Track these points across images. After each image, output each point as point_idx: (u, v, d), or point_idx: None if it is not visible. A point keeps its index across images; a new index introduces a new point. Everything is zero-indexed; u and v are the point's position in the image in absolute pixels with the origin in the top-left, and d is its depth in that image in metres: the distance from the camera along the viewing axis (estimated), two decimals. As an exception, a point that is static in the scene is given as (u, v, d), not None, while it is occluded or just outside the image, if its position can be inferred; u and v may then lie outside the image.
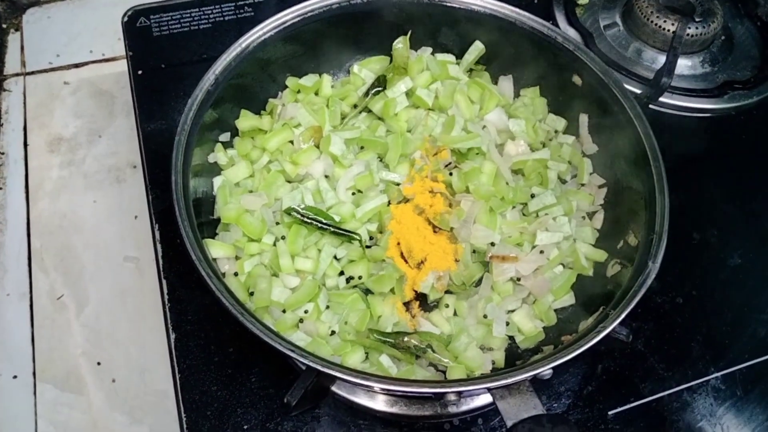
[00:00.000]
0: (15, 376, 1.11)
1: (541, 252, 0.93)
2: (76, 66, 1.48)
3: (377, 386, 0.69)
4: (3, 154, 1.36)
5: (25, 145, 1.36)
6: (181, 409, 0.88)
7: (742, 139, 1.20)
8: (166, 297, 0.96)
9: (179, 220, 0.79)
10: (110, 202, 1.29)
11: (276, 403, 0.89)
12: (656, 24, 1.22)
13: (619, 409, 0.91)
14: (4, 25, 1.54)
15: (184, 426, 0.86)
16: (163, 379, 1.00)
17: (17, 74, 1.46)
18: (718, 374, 0.94)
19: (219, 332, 0.93)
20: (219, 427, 0.86)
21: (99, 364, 1.13)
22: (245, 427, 0.86)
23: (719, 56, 1.27)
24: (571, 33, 1.27)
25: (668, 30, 1.21)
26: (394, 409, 0.88)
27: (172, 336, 0.93)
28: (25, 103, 1.42)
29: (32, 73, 1.47)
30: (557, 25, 1.27)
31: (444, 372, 0.86)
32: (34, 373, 1.11)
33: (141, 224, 1.23)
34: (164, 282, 0.97)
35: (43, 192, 1.30)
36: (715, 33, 1.23)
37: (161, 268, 0.98)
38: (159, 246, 1.00)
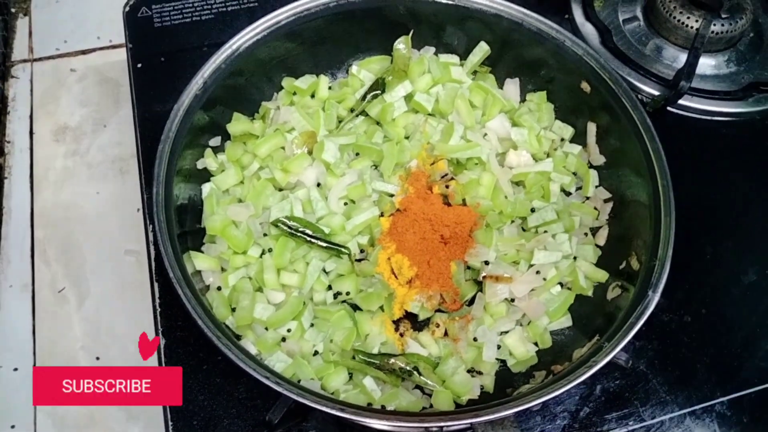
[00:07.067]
0: (16, 369, 1.13)
1: (538, 272, 0.89)
2: (83, 53, 1.48)
3: (353, 419, 0.67)
4: (9, 142, 1.37)
5: (31, 133, 1.37)
6: (167, 416, 0.87)
7: (766, 146, 1.12)
8: (157, 301, 0.95)
9: (158, 235, 0.78)
10: (113, 193, 1.30)
11: (263, 415, 0.87)
12: (678, 20, 1.14)
13: (618, 433, 0.88)
14: (13, 10, 1.53)
15: (170, 435, 0.85)
16: (159, 377, 1.00)
17: (25, 60, 1.47)
18: (725, 399, 0.90)
19: (209, 339, 0.92)
20: (204, 437, 0.85)
21: (98, 359, 1.14)
22: (231, 438, 0.85)
23: (746, 55, 1.19)
24: (588, 28, 1.20)
25: (691, 27, 1.13)
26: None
27: (162, 341, 0.92)
28: (32, 91, 1.43)
29: (40, 59, 1.47)
30: (573, 20, 1.21)
31: (430, 395, 0.83)
32: (34, 366, 1.13)
33: (142, 217, 1.23)
34: (156, 285, 0.96)
35: (48, 182, 1.31)
36: (743, 30, 1.15)
37: (153, 271, 0.97)
38: (152, 248, 0.98)
